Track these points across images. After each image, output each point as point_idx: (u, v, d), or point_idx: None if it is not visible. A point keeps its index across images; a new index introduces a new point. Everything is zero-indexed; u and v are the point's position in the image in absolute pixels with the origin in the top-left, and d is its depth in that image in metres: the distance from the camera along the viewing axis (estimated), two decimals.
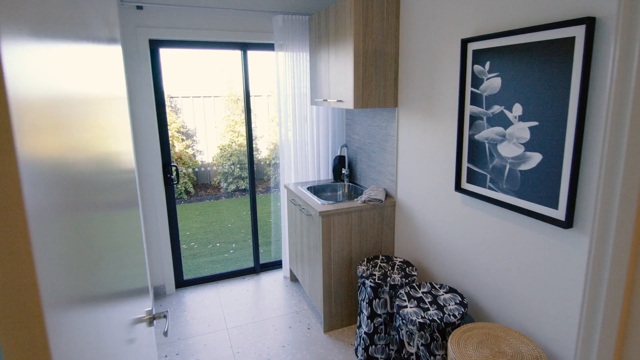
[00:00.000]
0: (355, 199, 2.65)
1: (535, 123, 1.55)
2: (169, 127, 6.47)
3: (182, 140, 6.50)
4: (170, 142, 6.32)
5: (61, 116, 0.51)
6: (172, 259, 3.12)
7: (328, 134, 3.27)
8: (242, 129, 6.46)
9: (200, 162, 6.79)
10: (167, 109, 6.69)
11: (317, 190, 3.08)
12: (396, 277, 2.20)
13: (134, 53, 2.69)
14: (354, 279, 2.62)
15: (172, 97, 6.57)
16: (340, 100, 2.54)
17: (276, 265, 3.54)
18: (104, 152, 0.80)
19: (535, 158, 1.56)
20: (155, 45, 2.80)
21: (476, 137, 1.87)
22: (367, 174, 2.96)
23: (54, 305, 0.42)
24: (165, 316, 1.10)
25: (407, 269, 2.31)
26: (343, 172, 3.13)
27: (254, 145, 7.26)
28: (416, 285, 2.10)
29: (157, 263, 3.03)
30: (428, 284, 2.11)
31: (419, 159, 2.33)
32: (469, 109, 1.90)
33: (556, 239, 1.54)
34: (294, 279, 3.33)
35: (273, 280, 3.33)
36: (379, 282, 2.16)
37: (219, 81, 6.95)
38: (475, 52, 1.83)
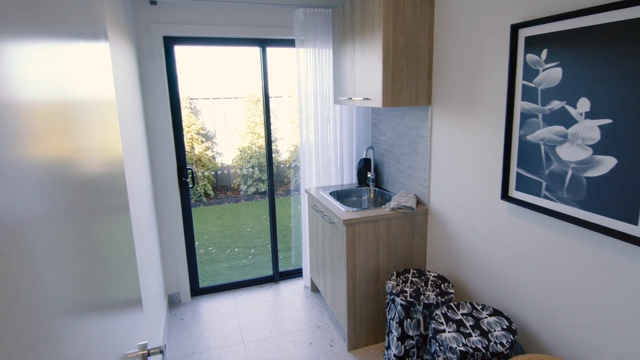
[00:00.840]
0: (382, 206, 2.42)
1: (607, 121, 1.29)
2: (188, 129, 6.43)
3: (202, 142, 6.42)
4: (190, 144, 6.25)
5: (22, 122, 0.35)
6: (187, 266, 2.98)
7: (352, 136, 3.06)
8: (262, 131, 6.33)
9: (220, 165, 6.69)
10: (187, 111, 6.66)
11: (340, 195, 2.87)
12: (430, 295, 1.96)
13: (147, 51, 2.56)
14: (381, 294, 2.39)
15: (192, 99, 6.50)
16: (367, 98, 2.32)
17: (296, 273, 3.35)
18: (78, 157, 0.61)
19: (608, 163, 1.30)
20: (169, 43, 2.66)
21: (528, 137, 1.61)
22: (395, 179, 2.73)
23: None
24: (162, 351, 0.91)
25: (442, 285, 2.06)
26: (369, 176, 2.91)
27: (274, 147, 7.14)
28: (454, 305, 1.86)
29: (171, 270, 2.89)
30: (468, 304, 1.86)
31: (456, 163, 2.09)
32: (519, 105, 1.64)
33: (634, 260, 1.27)
34: (314, 289, 3.13)
35: (293, 290, 3.13)
36: (411, 300, 1.93)
37: (239, 82, 6.84)
38: (528, 39, 1.57)
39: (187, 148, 6.26)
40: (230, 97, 6.69)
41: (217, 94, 6.64)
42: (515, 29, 1.62)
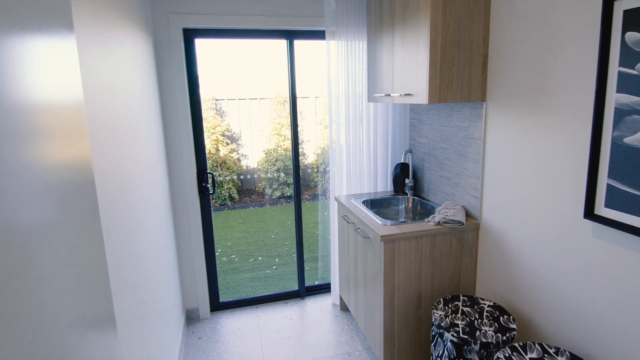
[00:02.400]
0: (425, 219, 2.09)
1: None
2: (214, 131, 6.29)
3: (227, 144, 6.26)
4: (215, 146, 6.10)
5: None
6: (207, 279, 2.75)
7: (387, 138, 2.74)
8: (288, 132, 6.09)
9: (245, 167, 6.52)
10: (212, 112, 6.53)
11: (374, 204, 2.56)
12: (488, 332, 1.62)
13: (165, 44, 2.35)
14: (423, 321, 2.06)
15: (217, 100, 6.37)
16: (408, 94, 2.00)
17: (324, 289, 3.06)
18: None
19: None
20: (190, 35, 2.45)
21: (627, 140, 1.25)
22: (438, 187, 2.39)
23: None
24: None
25: (501, 318, 1.71)
26: (407, 182, 2.58)
27: (301, 150, 6.90)
28: (519, 346, 1.51)
29: (190, 283, 2.67)
30: (537, 345, 1.50)
31: (518, 170, 1.73)
32: (613, 99, 1.28)
33: None
34: (344, 307, 2.82)
35: (320, 308, 2.84)
36: (465, 336, 1.59)
37: (265, 82, 6.65)
38: (628, 13, 1.22)
39: (212, 150, 6.11)
40: (256, 97, 6.51)
41: (243, 94, 6.47)
42: (609, 1, 1.27)
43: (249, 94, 6.51)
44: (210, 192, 2.65)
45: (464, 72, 1.87)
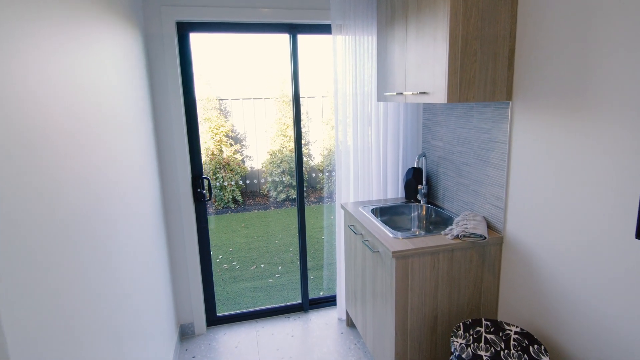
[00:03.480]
0: (441, 231, 1.88)
1: None
2: (217, 131, 6.12)
3: (231, 145, 6.09)
4: (219, 147, 5.94)
5: None
6: (202, 291, 2.56)
7: (398, 140, 2.53)
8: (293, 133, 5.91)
9: (249, 169, 6.34)
10: (216, 112, 6.36)
11: (383, 212, 2.35)
12: None
13: (157, 39, 2.16)
14: (439, 347, 1.85)
15: (221, 100, 6.20)
16: (423, 92, 1.79)
17: (329, 302, 2.86)
18: None
19: None
20: (184, 30, 2.26)
21: None
22: (455, 194, 2.17)
23: None
24: None
25: (530, 348, 1.49)
26: (419, 188, 2.36)
27: (306, 151, 6.70)
28: None
29: (184, 297, 2.49)
30: None
31: (552, 179, 1.51)
32: None
33: None
34: (350, 323, 2.62)
35: (324, 324, 2.64)
36: None
37: (270, 81, 6.47)
38: None
39: (216, 151, 5.94)
40: (260, 97, 6.33)
41: (247, 94, 6.29)
42: None
43: (254, 94, 6.33)
44: (207, 198, 2.46)
45: (487, 68, 1.65)
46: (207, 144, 5.87)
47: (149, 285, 1.81)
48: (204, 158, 5.92)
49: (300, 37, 2.45)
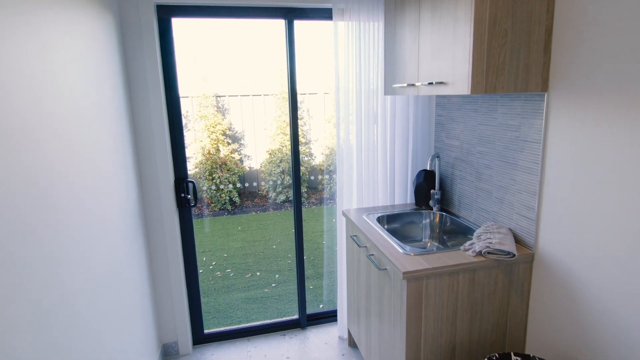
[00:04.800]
0: (460, 246, 1.60)
1: None
2: (214, 129, 5.86)
3: (228, 144, 5.82)
4: (215, 145, 5.67)
5: None
6: (188, 306, 2.30)
7: (407, 139, 2.25)
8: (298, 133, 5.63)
9: (247, 169, 6.07)
10: (213, 109, 6.10)
11: (390, 220, 2.07)
12: None
13: (134, 26, 1.89)
14: None
15: (219, 97, 5.93)
16: (440, 83, 1.51)
17: (329, 317, 2.59)
18: None
19: None
20: (165, 14, 1.99)
21: None
22: (474, 201, 1.89)
23: None
24: None
25: None
26: (432, 193, 2.09)
27: (307, 150, 6.42)
28: None
29: (167, 313, 2.22)
30: None
31: (597, 186, 1.23)
32: None
33: None
34: (352, 343, 2.35)
35: (324, 343, 2.37)
36: None
37: (269, 77, 6.19)
38: None
39: (212, 150, 5.68)
40: (259, 94, 6.06)
41: (246, 90, 6.02)
42: None
43: (252, 90, 6.06)
44: (192, 203, 2.19)
45: (519, 52, 1.37)
46: (203, 142, 5.61)
47: (118, 301, 1.54)
48: (199, 157, 5.66)
49: (299, 25, 2.17)
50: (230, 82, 6.11)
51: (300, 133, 6.15)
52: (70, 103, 1.24)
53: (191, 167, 5.82)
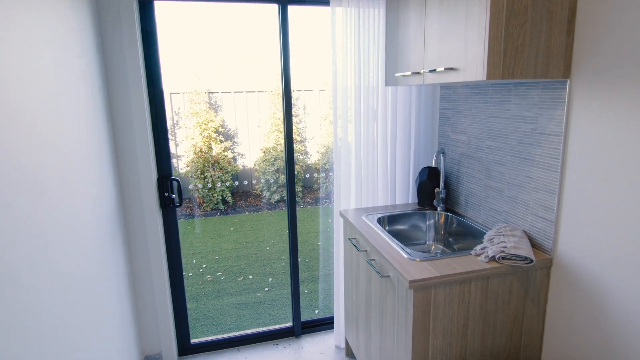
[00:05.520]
0: (471, 251, 1.45)
1: None
2: (206, 127, 5.68)
3: (221, 141, 5.64)
4: (207, 143, 5.49)
5: None
6: (172, 315, 2.13)
7: (410, 134, 2.10)
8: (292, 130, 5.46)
9: (241, 167, 5.90)
10: (205, 106, 5.91)
11: (392, 221, 1.92)
12: None
13: (112, 11, 1.72)
14: None
15: (211, 93, 5.75)
16: (450, 69, 1.36)
17: (325, 324, 2.43)
18: None
19: None
20: None
21: None
22: (483, 201, 1.74)
23: None
24: None
25: None
26: (436, 192, 1.94)
27: (302, 149, 6.26)
28: None
29: (150, 322, 2.05)
30: None
31: (629, 185, 1.08)
32: None
33: None
34: (350, 353, 2.19)
35: (319, 353, 2.21)
36: None
37: (264, 73, 6.02)
38: None
39: (204, 148, 5.50)
40: (253, 90, 5.88)
41: (239, 87, 5.85)
42: None
43: (246, 87, 5.88)
44: (177, 204, 2.02)
45: (540, 34, 1.22)
46: (194, 140, 5.43)
47: (92, 310, 1.37)
48: (191, 156, 5.48)
49: (293, 12, 2.01)
50: (223, 78, 5.93)
51: (295, 131, 5.99)
52: (29, 92, 1.07)
53: (182, 166, 5.64)
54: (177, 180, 1.99)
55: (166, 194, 1.98)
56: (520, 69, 1.22)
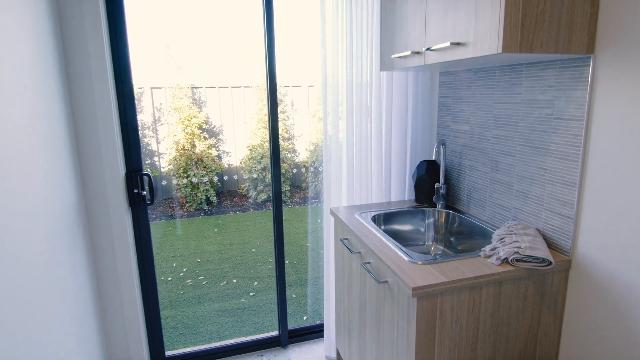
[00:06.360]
0: (479, 252, 1.28)
1: None
2: (189, 123, 5.43)
3: (205, 138, 5.40)
4: (191, 140, 5.25)
5: None
6: (144, 325, 1.92)
7: (406, 125, 1.93)
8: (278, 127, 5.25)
9: (226, 166, 5.67)
10: (188, 101, 5.67)
11: (388, 219, 1.75)
12: None
13: None
14: None
15: (195, 88, 5.51)
16: (457, 44, 1.19)
17: (314, 332, 2.24)
18: None
19: None
20: None
21: None
22: (488, 196, 1.58)
23: None
24: None
25: None
26: (436, 187, 1.77)
27: (290, 146, 6.06)
28: None
29: (118, 333, 1.83)
30: None
31: None
32: None
33: None
34: None
35: None
36: None
37: (250, 68, 5.81)
38: None
39: (188, 146, 5.26)
40: (239, 85, 5.66)
41: (224, 82, 5.62)
42: None
43: (231, 82, 5.66)
44: (149, 201, 1.81)
45: (561, 1, 1.06)
46: (177, 137, 5.19)
47: (45, 321, 1.16)
48: (173, 153, 5.23)
49: (281, 5, 1.82)
50: (208, 72, 5.69)
51: (283, 128, 5.79)
52: None
53: (164, 164, 5.39)
54: (147, 174, 1.78)
55: (136, 191, 1.76)
56: (539, 41, 1.06)
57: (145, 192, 1.79)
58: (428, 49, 1.32)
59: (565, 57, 1.16)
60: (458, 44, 1.18)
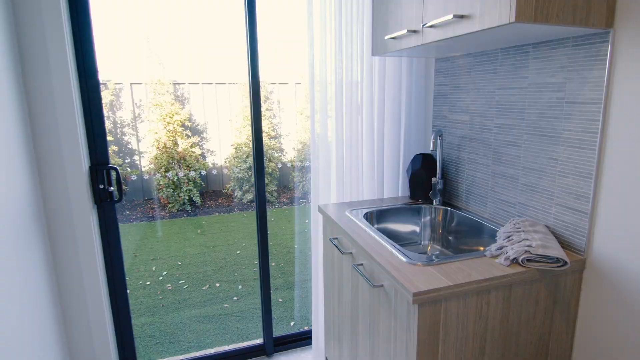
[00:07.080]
0: (485, 252, 1.15)
1: None
2: (171, 120, 5.22)
3: (188, 136, 5.20)
4: (172, 138, 5.04)
5: None
6: (114, 335, 1.74)
7: (399, 116, 1.80)
8: (262, 123, 5.09)
9: (210, 165, 5.47)
10: (170, 97, 5.45)
11: (382, 217, 1.61)
12: None
13: None
14: None
15: (177, 84, 5.30)
16: (460, 16, 1.06)
17: (302, 339, 2.09)
18: None
19: None
20: None
21: None
22: (490, 191, 1.45)
23: None
24: None
25: None
26: (433, 183, 1.64)
27: (277, 145, 5.89)
28: None
29: (83, 345, 1.65)
30: None
31: None
32: None
33: None
34: None
35: None
36: None
37: (234, 64, 5.63)
38: None
39: (170, 144, 5.04)
40: (224, 82, 5.47)
41: (208, 78, 5.43)
42: None
43: (216, 78, 5.47)
44: (116, 198, 1.63)
45: None
46: (158, 134, 4.97)
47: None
48: (154, 152, 5.01)
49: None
50: (191, 68, 5.49)
51: (269, 126, 5.62)
52: None
53: (145, 163, 5.17)
54: (115, 168, 1.60)
55: (102, 186, 1.59)
56: (556, 10, 0.93)
57: (112, 189, 1.61)
58: (426, 25, 1.19)
59: (580, 33, 1.04)
60: (462, 16, 1.05)
